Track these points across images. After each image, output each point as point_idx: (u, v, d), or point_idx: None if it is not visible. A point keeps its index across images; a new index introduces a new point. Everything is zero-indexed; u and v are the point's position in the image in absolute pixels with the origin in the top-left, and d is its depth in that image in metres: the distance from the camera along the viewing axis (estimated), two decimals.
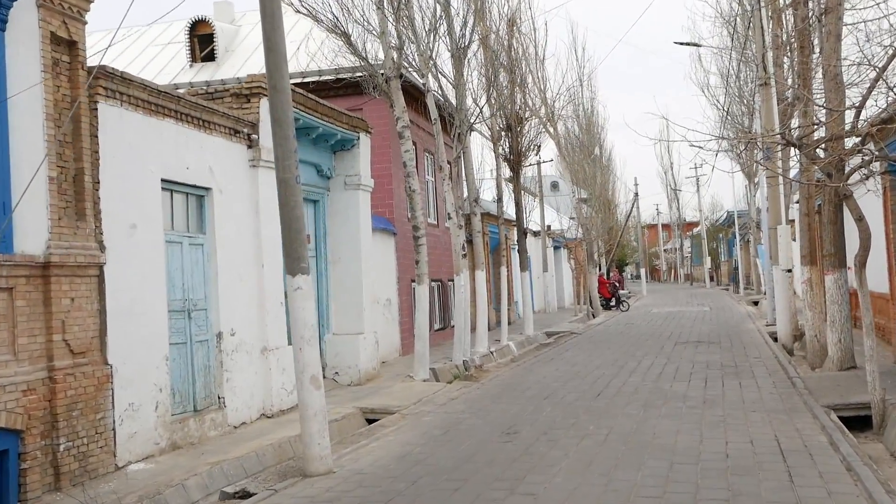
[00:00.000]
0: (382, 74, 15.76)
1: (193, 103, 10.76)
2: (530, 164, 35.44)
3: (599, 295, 38.51)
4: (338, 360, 15.10)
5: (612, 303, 39.37)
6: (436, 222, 23.37)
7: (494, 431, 10.03)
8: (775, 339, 19.43)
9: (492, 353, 19.58)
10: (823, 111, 12.53)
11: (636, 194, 61.25)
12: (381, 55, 15.82)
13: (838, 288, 13.19)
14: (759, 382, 12.78)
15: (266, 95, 12.37)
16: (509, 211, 27.72)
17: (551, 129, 33.30)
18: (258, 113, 12.19)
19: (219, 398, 10.98)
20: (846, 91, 12.20)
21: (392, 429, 10.80)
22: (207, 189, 11.13)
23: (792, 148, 11.78)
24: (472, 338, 19.50)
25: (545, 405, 11.75)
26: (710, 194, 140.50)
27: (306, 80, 19.61)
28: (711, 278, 70.20)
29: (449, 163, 20.09)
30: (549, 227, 39.30)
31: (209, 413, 10.65)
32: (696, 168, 68.24)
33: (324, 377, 15.37)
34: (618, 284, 43.68)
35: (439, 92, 18.83)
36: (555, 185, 58.59)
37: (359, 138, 15.64)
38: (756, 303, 36.56)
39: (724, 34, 29.00)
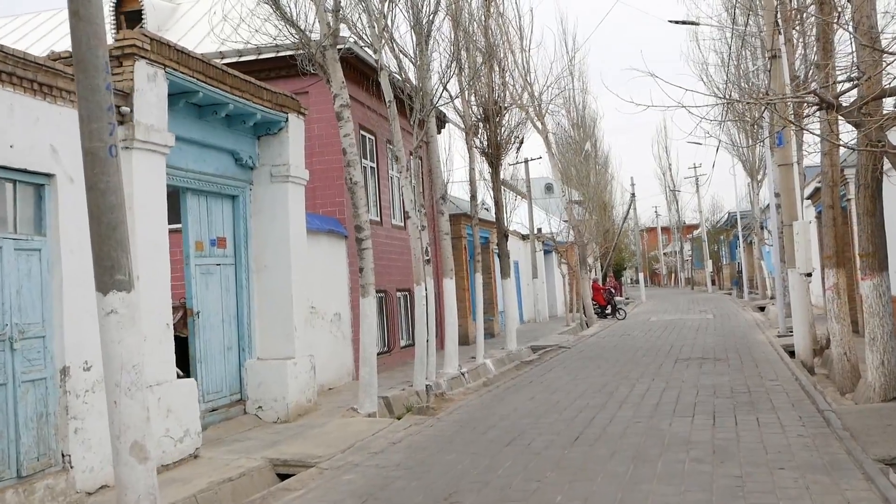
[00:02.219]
0: (319, 44, 13.00)
1: (20, 60, 7.98)
2: (515, 163, 32.69)
3: (594, 302, 35.76)
4: (261, 392, 12.30)
5: (608, 310, 36.62)
6: (402, 224, 20.60)
7: (426, 503, 7.24)
8: (791, 354, 16.67)
9: (463, 374, 16.77)
10: (856, 71, 9.86)
11: (633, 195, 58.41)
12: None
13: (879, 296, 10.46)
14: (781, 418, 9.97)
15: (145, 57, 9.73)
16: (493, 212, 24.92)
17: (539, 124, 30.57)
18: (132, 80, 9.43)
19: (63, 456, 8.18)
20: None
21: (296, 494, 8.02)
22: (49, 176, 8.35)
23: (823, 113, 8.99)
24: (441, 357, 16.76)
25: (506, 455, 8.96)
26: (711, 195, 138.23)
27: (243, 58, 16.89)
28: (713, 282, 67.63)
29: (410, 153, 17.38)
30: (538, 229, 36.54)
31: (44, 479, 7.84)
32: (695, 168, 65.84)
33: (244, 412, 12.62)
34: (614, 291, 40.89)
35: (397, 71, 16.10)
36: (549, 188, 55.90)
37: (287, 120, 12.89)
38: (762, 308, 33.91)
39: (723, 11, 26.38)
